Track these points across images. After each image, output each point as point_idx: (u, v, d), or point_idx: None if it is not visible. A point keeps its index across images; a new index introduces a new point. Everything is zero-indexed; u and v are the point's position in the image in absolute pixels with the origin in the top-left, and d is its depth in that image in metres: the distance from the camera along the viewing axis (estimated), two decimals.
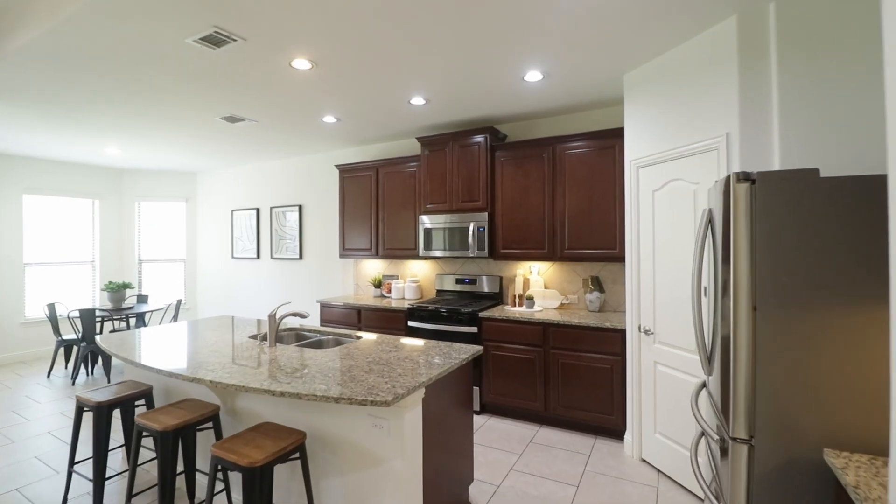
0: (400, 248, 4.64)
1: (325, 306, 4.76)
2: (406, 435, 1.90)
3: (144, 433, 2.22)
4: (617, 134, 3.47)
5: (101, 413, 2.46)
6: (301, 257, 5.90)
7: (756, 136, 2.24)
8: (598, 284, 3.75)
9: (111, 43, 2.56)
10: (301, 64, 2.86)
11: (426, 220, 4.33)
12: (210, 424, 2.50)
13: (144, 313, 5.27)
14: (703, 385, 2.08)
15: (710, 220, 1.84)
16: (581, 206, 3.65)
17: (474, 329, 3.79)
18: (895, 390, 0.96)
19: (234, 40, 2.52)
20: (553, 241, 3.79)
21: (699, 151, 2.52)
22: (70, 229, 6.34)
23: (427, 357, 2.36)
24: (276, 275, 6.18)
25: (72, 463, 2.58)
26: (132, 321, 6.68)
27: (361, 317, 4.50)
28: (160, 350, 2.58)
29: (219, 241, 6.90)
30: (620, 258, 3.48)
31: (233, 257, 6.65)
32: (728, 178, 1.53)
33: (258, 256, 6.36)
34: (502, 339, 3.70)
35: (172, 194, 7.05)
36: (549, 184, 3.80)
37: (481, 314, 3.80)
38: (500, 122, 4.30)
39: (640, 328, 2.98)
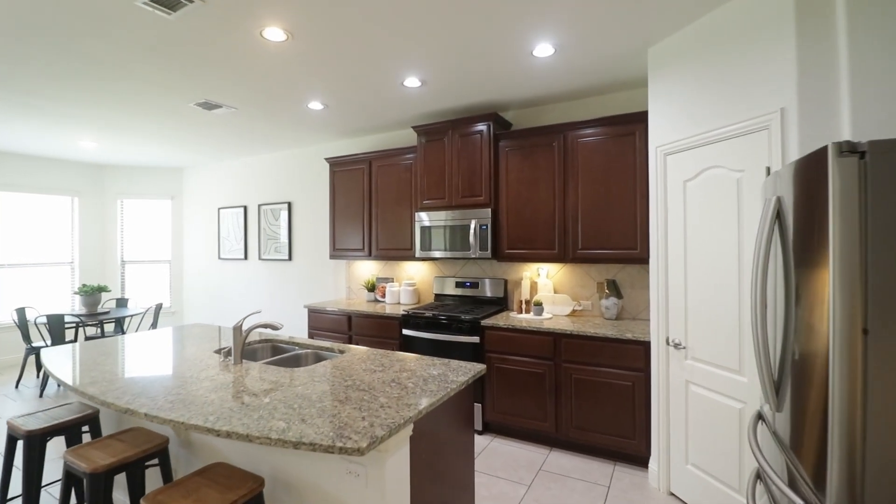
0: (395, 249, 4.24)
1: (313, 312, 4.37)
2: (388, 485, 1.49)
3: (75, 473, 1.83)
4: (638, 119, 3.06)
5: (33, 444, 2.06)
6: (290, 258, 5.50)
7: (819, 111, 1.82)
8: (614, 289, 3.33)
9: (45, 5, 2.17)
10: (274, 34, 2.46)
11: (423, 218, 3.92)
12: (157, 461, 2.11)
13: (122, 318, 4.88)
14: (760, 416, 1.67)
15: (779, 212, 1.43)
16: (596, 201, 3.24)
17: (476, 339, 3.38)
18: None
19: (192, 1, 2.13)
20: (564, 239, 3.38)
21: (744, 132, 2.11)
22: (47, 228, 5.95)
23: (418, 380, 1.95)
24: (264, 277, 5.79)
25: (3, 502, 2.19)
26: (109, 327, 6.33)
27: (352, 324, 4.10)
28: (112, 366, 2.18)
29: (205, 242, 6.50)
30: (641, 259, 3.07)
31: (219, 258, 6.26)
32: (821, 151, 1.13)
33: (245, 257, 5.96)
34: (507, 351, 3.29)
35: (157, 192, 6.67)
36: (559, 176, 3.39)
37: (484, 322, 3.39)
38: (505, 109, 3.89)
39: (668, 341, 2.57)
